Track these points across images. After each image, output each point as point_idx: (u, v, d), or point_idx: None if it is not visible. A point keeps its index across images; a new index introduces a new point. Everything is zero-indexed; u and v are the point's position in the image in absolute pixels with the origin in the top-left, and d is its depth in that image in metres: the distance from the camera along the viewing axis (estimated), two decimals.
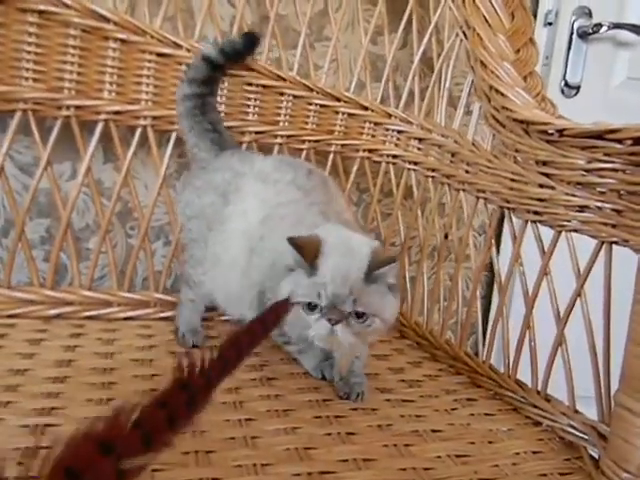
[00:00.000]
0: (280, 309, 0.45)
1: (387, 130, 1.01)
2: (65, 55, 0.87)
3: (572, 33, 1.22)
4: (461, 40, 0.91)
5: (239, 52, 0.89)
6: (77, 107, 0.88)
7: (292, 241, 0.62)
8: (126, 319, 0.91)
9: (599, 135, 0.59)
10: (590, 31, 1.20)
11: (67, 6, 0.86)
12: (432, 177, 0.94)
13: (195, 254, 0.82)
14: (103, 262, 0.99)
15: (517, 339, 0.74)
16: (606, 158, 0.59)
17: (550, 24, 1.23)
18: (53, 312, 0.88)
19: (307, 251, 0.62)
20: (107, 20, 0.88)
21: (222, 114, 0.93)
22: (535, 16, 1.25)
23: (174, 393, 0.32)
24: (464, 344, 0.85)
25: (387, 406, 0.71)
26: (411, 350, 0.93)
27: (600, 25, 1.19)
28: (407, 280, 1.01)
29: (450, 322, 0.93)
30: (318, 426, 0.64)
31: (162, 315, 0.93)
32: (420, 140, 0.97)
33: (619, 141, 0.57)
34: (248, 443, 0.59)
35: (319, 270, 0.62)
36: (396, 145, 1.00)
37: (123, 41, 0.89)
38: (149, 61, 0.91)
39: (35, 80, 0.86)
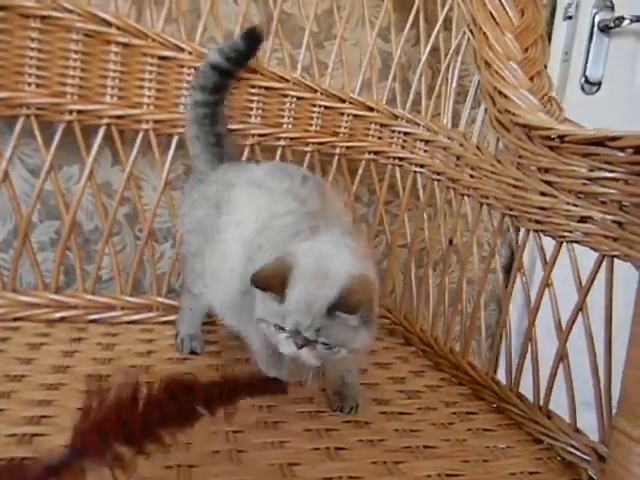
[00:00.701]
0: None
1: (393, 132, 0.98)
2: (67, 60, 0.87)
3: (593, 27, 1.17)
4: (468, 38, 0.88)
5: (243, 54, 0.88)
6: (79, 112, 0.88)
7: (256, 281, 0.60)
8: (129, 323, 0.92)
9: (600, 142, 0.56)
10: (612, 25, 1.15)
11: (69, 11, 0.86)
12: (438, 180, 0.92)
13: (195, 267, 0.81)
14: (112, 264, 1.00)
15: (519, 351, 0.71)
16: (607, 167, 0.55)
17: (570, 18, 1.18)
18: (57, 315, 0.89)
19: (273, 285, 0.60)
20: (109, 24, 0.88)
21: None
22: (554, 9, 1.21)
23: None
24: (467, 353, 0.82)
25: (382, 419, 0.70)
26: (415, 358, 0.91)
27: (622, 18, 1.13)
28: (413, 284, 0.98)
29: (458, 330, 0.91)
30: (307, 440, 0.63)
31: (164, 319, 0.93)
32: (426, 142, 0.95)
33: (621, 149, 0.54)
34: (233, 457, 0.58)
35: (286, 298, 0.59)
36: (402, 147, 0.98)
37: (125, 45, 0.89)
38: (151, 64, 0.90)
39: (38, 85, 0.86)
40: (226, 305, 0.76)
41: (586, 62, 1.19)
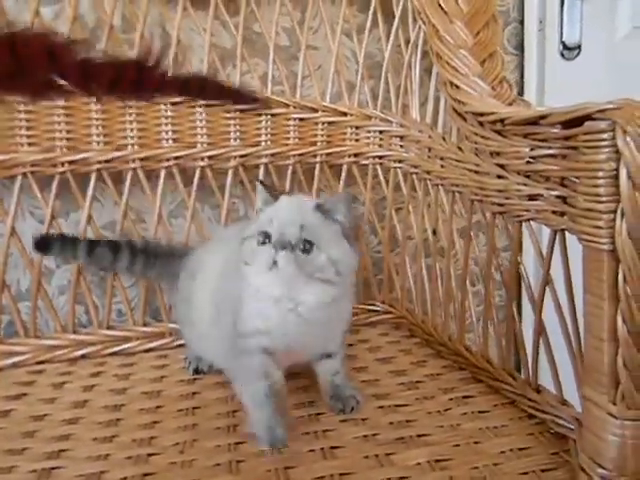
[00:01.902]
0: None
1: (369, 132, 1.01)
2: (52, 116, 0.93)
3: None
4: (424, 32, 0.89)
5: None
6: (70, 162, 0.94)
7: (262, 182, 0.70)
8: (145, 351, 0.97)
9: (535, 121, 0.57)
10: None
11: None
12: (416, 174, 0.93)
13: (184, 333, 0.89)
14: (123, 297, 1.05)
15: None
16: (544, 144, 0.57)
17: None
18: (78, 354, 0.95)
19: (272, 188, 0.71)
20: None
21: (202, 152, 0.98)
22: None
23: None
24: (463, 338, 0.84)
25: (379, 414, 0.72)
26: (418, 349, 0.93)
27: None
28: (409, 277, 1.00)
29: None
30: (304, 442, 0.66)
31: (177, 343, 0.98)
32: (401, 138, 0.97)
33: (552, 125, 0.55)
34: (232, 469, 0.62)
35: (279, 201, 0.67)
36: (380, 146, 1.00)
37: None
38: (130, 107, 0.96)
39: (30, 144, 0.93)
40: (218, 355, 0.80)
41: (561, 28, 1.18)
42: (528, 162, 0.60)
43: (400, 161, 0.97)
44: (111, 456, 0.65)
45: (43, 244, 0.93)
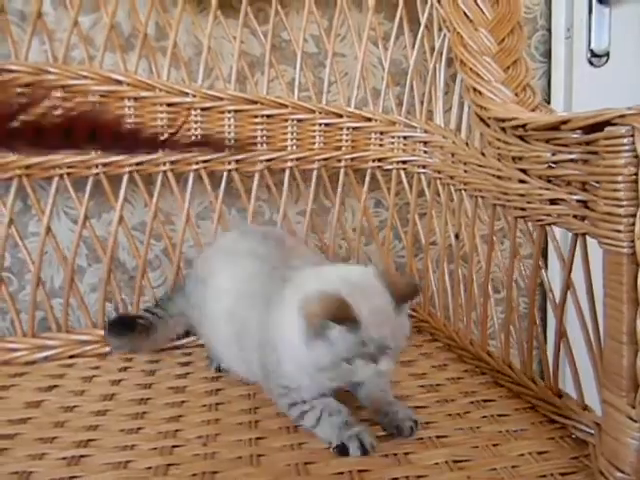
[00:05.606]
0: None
1: (393, 137, 1.02)
2: None
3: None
4: (449, 39, 0.90)
5: None
6: (104, 164, 0.98)
7: (330, 315, 0.58)
8: (171, 348, 1.00)
9: (556, 127, 0.58)
10: None
11: (85, 77, 0.96)
12: (439, 179, 0.94)
13: (201, 334, 0.91)
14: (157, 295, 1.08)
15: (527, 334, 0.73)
16: (565, 149, 0.57)
17: None
18: (107, 349, 0.98)
19: (347, 313, 0.58)
20: (120, 83, 0.97)
21: (230, 156, 1.01)
22: None
23: None
24: (485, 343, 0.84)
25: None
26: (440, 353, 0.93)
27: None
28: (432, 281, 1.01)
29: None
30: None
31: (202, 342, 1.00)
32: (425, 143, 0.98)
33: (573, 131, 0.55)
34: (253, 462, 0.63)
35: (361, 321, 0.58)
36: (404, 151, 1.01)
37: (136, 98, 0.98)
38: (161, 112, 0.99)
39: None
40: (236, 362, 0.81)
41: (589, 35, 1.18)
42: (549, 167, 0.60)
43: (424, 166, 0.99)
44: (137, 447, 0.68)
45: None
